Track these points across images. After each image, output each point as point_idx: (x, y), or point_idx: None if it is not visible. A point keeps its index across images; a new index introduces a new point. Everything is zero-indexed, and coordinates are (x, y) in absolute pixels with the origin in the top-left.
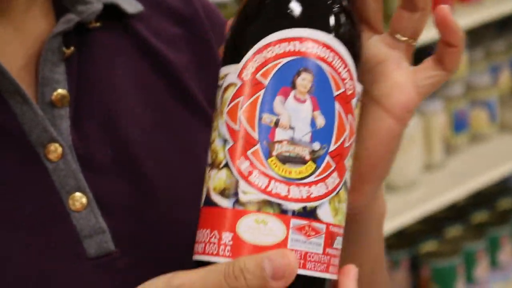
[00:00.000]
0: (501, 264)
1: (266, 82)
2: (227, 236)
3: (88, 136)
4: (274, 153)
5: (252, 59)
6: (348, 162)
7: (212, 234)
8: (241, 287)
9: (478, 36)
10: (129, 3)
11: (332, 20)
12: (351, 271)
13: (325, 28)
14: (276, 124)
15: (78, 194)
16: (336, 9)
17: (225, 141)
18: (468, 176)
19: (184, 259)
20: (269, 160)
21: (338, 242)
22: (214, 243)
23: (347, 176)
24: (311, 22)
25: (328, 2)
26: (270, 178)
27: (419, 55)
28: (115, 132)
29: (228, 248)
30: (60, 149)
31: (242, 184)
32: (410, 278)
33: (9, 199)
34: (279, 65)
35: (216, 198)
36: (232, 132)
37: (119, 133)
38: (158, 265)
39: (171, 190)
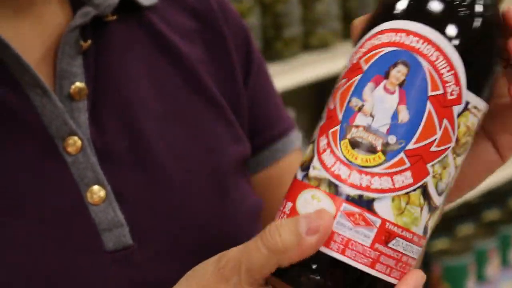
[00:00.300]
0: None
1: (365, 67)
2: (288, 206)
3: (105, 129)
4: (349, 136)
5: (363, 45)
6: (434, 168)
7: (283, 202)
8: (275, 243)
9: None
10: None
11: (448, 20)
12: (411, 275)
13: (437, 26)
14: (360, 109)
15: (96, 187)
16: (462, 11)
17: (322, 118)
18: None
19: (200, 250)
20: (342, 142)
21: (400, 245)
22: (280, 211)
23: (430, 182)
24: (424, 17)
25: (456, 3)
26: (337, 159)
27: None
28: (132, 124)
29: (285, 216)
30: (79, 142)
31: (315, 160)
32: None
33: (29, 191)
34: (380, 54)
35: (298, 170)
36: (328, 110)
37: (135, 125)
38: (175, 258)
39: (186, 182)
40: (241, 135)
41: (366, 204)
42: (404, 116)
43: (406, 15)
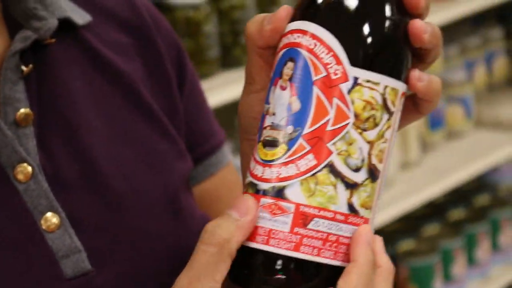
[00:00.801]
0: (478, 261)
1: (271, 74)
2: None
3: (54, 154)
4: (261, 138)
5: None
6: (337, 145)
7: None
8: (218, 236)
9: (452, 32)
10: (78, 14)
11: (316, 9)
12: (360, 234)
13: (309, 17)
14: (267, 112)
15: (50, 214)
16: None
17: None
18: (444, 173)
19: (159, 270)
20: (258, 145)
21: (321, 224)
22: None
23: (336, 159)
24: (301, 14)
25: None
26: (255, 161)
27: None
28: (79, 147)
29: None
30: (30, 169)
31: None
32: None
33: None
34: (277, 57)
35: None
36: None
37: (83, 148)
38: (136, 280)
39: (138, 203)
40: (184, 150)
41: (278, 193)
42: (296, 105)
43: (294, 17)
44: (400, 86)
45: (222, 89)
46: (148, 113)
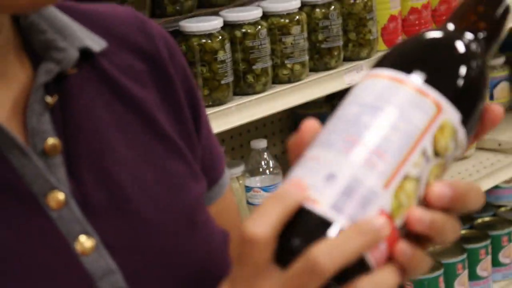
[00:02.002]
0: (480, 277)
1: None
2: None
3: (83, 181)
4: None
5: None
6: None
7: None
8: None
9: None
10: (94, 40)
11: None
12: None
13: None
14: None
15: (84, 238)
16: None
17: None
18: None
19: (187, 284)
20: None
21: None
22: None
23: None
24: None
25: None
26: None
27: None
28: (106, 173)
29: None
30: (62, 197)
31: None
32: None
33: (20, 251)
34: None
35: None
36: None
37: (109, 174)
38: None
39: (162, 222)
40: (198, 172)
41: None
42: None
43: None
44: None
45: (235, 115)
46: (164, 138)
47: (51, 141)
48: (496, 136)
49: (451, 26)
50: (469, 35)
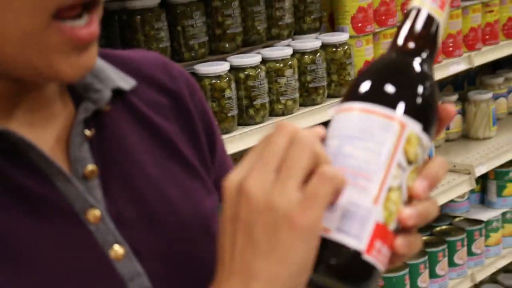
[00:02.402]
0: (438, 275)
1: None
2: None
3: (116, 200)
4: None
5: None
6: None
7: None
8: None
9: None
10: (124, 80)
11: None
12: None
13: None
14: None
15: (117, 247)
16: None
17: None
18: None
19: (202, 283)
20: None
21: None
22: None
23: None
24: None
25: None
26: None
27: None
28: (135, 193)
29: None
30: (99, 214)
31: None
32: None
33: (64, 257)
34: None
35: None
36: None
37: (138, 193)
38: None
39: (183, 232)
40: (211, 188)
41: None
42: None
43: None
44: None
45: (239, 141)
46: (183, 161)
47: (90, 167)
48: (451, 159)
49: (396, 52)
50: (414, 57)
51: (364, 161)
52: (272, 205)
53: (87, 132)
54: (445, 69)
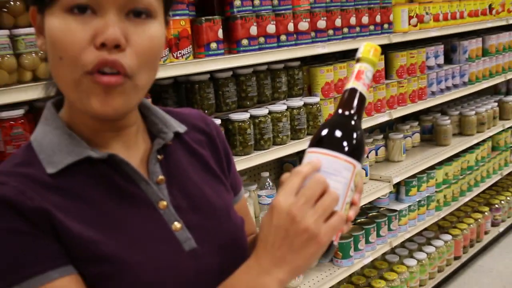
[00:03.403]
0: (370, 243)
1: None
2: None
3: (175, 196)
4: None
5: None
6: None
7: None
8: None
9: None
10: (180, 126)
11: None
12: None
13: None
14: None
15: (177, 223)
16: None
17: None
18: None
19: (226, 249)
20: None
21: None
22: None
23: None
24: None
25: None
26: None
27: None
28: (187, 192)
29: None
30: (165, 203)
31: None
32: None
33: (144, 230)
34: None
35: None
36: None
37: (189, 193)
38: (218, 253)
39: (216, 214)
40: (229, 189)
41: None
42: None
43: None
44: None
45: (255, 160)
46: (213, 173)
47: (160, 177)
48: (378, 173)
49: (343, 114)
50: (353, 117)
51: (335, 188)
52: (308, 228)
53: (159, 157)
54: (375, 120)
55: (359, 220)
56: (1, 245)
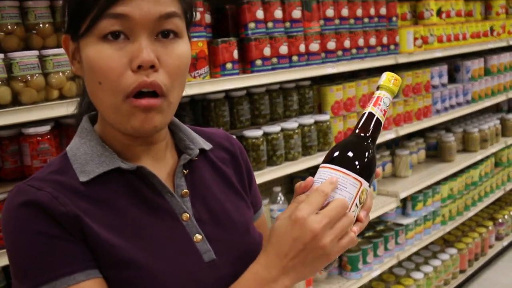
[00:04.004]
0: (378, 256)
1: None
2: None
3: (198, 209)
4: None
5: None
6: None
7: None
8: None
9: None
10: (206, 144)
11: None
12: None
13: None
14: None
15: (198, 235)
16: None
17: None
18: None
19: (243, 260)
20: None
21: None
22: None
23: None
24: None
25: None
26: None
27: None
28: (209, 206)
29: None
30: (188, 216)
31: None
32: None
33: (168, 239)
34: None
35: None
36: None
37: (211, 207)
38: (235, 264)
39: (236, 228)
40: (250, 206)
41: None
42: None
43: None
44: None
45: (267, 175)
46: (235, 190)
47: (185, 190)
48: (386, 188)
49: (358, 135)
50: (367, 139)
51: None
52: (325, 246)
53: (184, 171)
54: (383, 137)
55: (367, 234)
56: (32, 246)
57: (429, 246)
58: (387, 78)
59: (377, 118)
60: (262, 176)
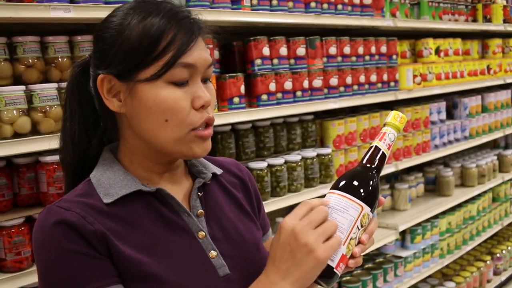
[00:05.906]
0: (380, 286)
1: None
2: None
3: (212, 228)
4: None
5: None
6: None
7: None
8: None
9: None
10: (217, 169)
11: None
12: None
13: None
14: None
15: (213, 251)
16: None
17: None
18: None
19: (253, 277)
20: None
21: None
22: None
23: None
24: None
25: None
26: None
27: None
28: (222, 226)
29: None
30: (204, 234)
31: None
32: None
33: (185, 256)
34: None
35: None
36: None
37: (224, 226)
38: (249, 280)
39: (247, 247)
40: (259, 227)
41: None
42: None
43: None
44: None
45: (271, 205)
46: (246, 212)
47: (200, 211)
48: (385, 221)
49: (364, 165)
50: (372, 170)
51: (342, 223)
52: (307, 243)
53: (199, 194)
54: (382, 170)
55: (366, 266)
56: (63, 262)
57: (427, 279)
58: (393, 116)
59: (383, 152)
60: (266, 207)
